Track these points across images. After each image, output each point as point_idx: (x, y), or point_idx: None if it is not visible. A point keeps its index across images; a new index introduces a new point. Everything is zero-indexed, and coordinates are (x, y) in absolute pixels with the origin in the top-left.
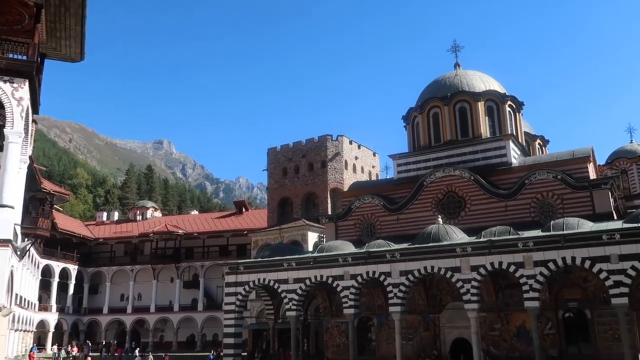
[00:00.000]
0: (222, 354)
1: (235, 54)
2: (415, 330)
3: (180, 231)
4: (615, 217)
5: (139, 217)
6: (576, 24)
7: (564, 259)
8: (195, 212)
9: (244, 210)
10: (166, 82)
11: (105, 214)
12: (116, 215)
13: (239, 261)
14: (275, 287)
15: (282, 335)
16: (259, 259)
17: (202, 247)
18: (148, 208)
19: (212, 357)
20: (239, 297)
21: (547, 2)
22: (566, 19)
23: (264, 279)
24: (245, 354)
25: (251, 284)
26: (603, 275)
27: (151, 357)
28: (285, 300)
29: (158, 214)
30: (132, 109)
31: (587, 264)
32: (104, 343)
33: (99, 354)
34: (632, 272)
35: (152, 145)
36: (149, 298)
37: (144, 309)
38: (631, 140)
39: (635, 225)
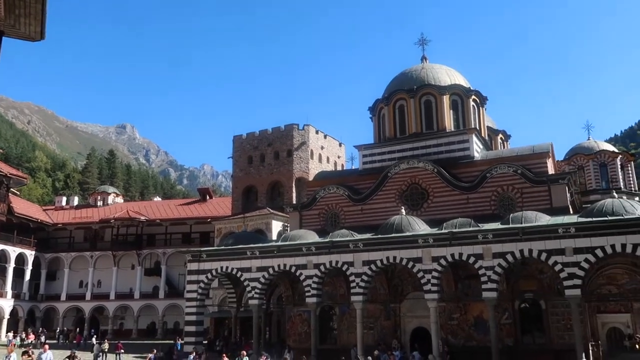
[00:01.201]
0: (182, 341)
1: (202, 41)
2: (377, 319)
3: (142, 218)
4: (571, 212)
5: (99, 203)
6: (536, 23)
7: (521, 251)
8: (158, 199)
9: (208, 197)
10: (130, 66)
11: (64, 198)
12: (76, 201)
13: (202, 249)
14: (238, 275)
15: (244, 323)
16: (222, 247)
17: (165, 234)
18: (109, 193)
19: (179, 345)
20: (201, 285)
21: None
22: (526, 17)
23: (227, 267)
24: (206, 342)
25: (214, 272)
26: (558, 267)
27: (106, 344)
28: (248, 289)
29: (120, 199)
30: (94, 91)
31: (544, 256)
32: (59, 330)
33: (55, 341)
34: (585, 265)
35: (115, 129)
36: (109, 285)
37: (103, 296)
38: (588, 137)
39: (590, 219)
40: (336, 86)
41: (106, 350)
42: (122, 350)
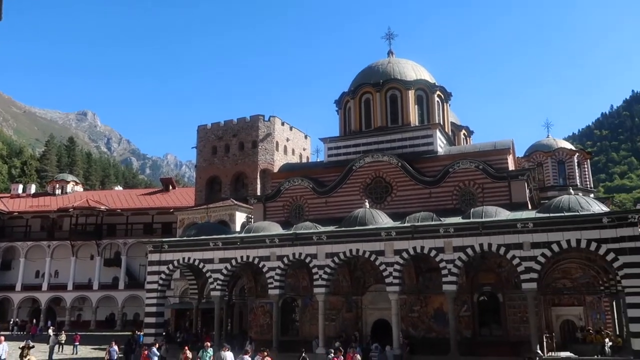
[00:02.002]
0: (141, 333)
1: (168, 28)
2: (339, 311)
3: (102, 207)
4: (530, 207)
5: (58, 191)
6: (499, 23)
7: (481, 245)
8: (119, 188)
9: (171, 188)
10: (93, 51)
11: (21, 186)
12: (33, 188)
13: (164, 239)
14: (200, 266)
15: (205, 315)
16: (185, 238)
17: (126, 225)
18: (68, 182)
19: (141, 338)
20: (162, 276)
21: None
22: (490, 16)
23: (189, 258)
24: (165, 333)
25: (175, 263)
26: (516, 261)
27: (63, 335)
28: (210, 280)
29: (79, 188)
30: (54, 76)
31: (502, 250)
32: (13, 321)
33: (9, 332)
34: (542, 259)
35: (75, 116)
36: (67, 275)
37: (60, 286)
38: (548, 135)
39: (547, 215)
40: (303, 78)
41: (63, 341)
42: (78, 343)
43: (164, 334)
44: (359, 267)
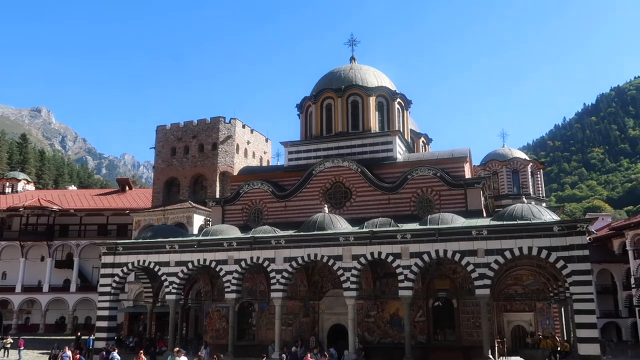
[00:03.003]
0: (92, 337)
1: (127, 25)
2: (295, 316)
3: (55, 207)
4: (485, 215)
5: (8, 190)
6: (458, 34)
7: (437, 251)
8: (73, 188)
9: (127, 188)
10: (48, 44)
11: None
12: None
13: (118, 241)
14: (156, 269)
15: (160, 319)
16: (140, 240)
17: (79, 225)
18: (19, 180)
19: (91, 342)
20: (116, 278)
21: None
22: (450, 27)
23: (144, 261)
24: (116, 338)
25: (130, 266)
26: (470, 267)
27: (9, 339)
28: (166, 284)
29: (31, 187)
30: (5, 70)
31: (457, 256)
32: None
33: None
34: (495, 266)
35: (29, 112)
36: (15, 277)
37: (8, 288)
38: (503, 145)
39: (501, 223)
40: (265, 82)
41: (9, 346)
42: (22, 348)
43: (115, 338)
44: (317, 271)
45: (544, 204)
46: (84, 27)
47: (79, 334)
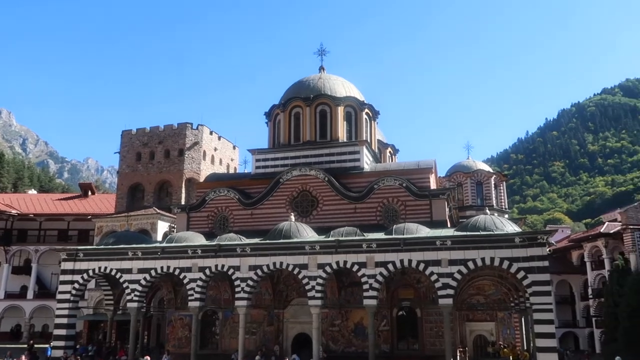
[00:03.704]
0: (49, 345)
1: (92, 27)
2: (260, 324)
3: (13, 211)
4: (449, 225)
5: None
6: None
7: (402, 261)
8: (33, 192)
9: (90, 193)
10: (10, 45)
11: None
12: None
13: (79, 247)
14: (118, 276)
15: (121, 327)
16: (102, 246)
17: (39, 230)
18: None
19: (49, 351)
20: (76, 285)
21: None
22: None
23: (106, 268)
24: (78, 346)
25: (91, 273)
26: (434, 277)
27: None
28: (128, 291)
29: None
30: None
31: (422, 266)
32: None
33: None
34: (458, 276)
35: None
36: None
37: None
38: (468, 157)
39: (464, 233)
40: (234, 89)
41: None
42: None
43: (77, 347)
44: (282, 280)
45: (506, 216)
46: (47, 26)
47: (31, 342)
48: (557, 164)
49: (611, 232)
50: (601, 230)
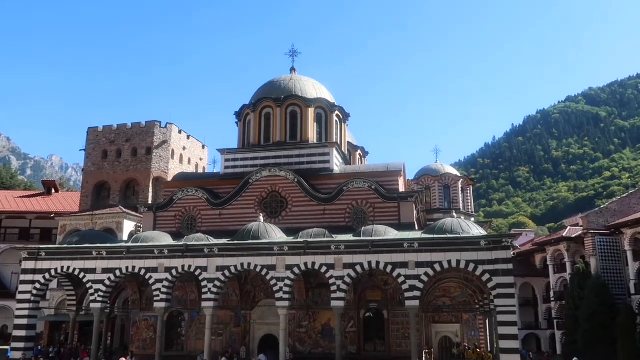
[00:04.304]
0: (9, 347)
1: (57, 21)
2: (226, 326)
3: None
4: (417, 228)
5: None
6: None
7: (370, 262)
8: None
9: (53, 191)
10: None
11: None
12: None
13: (41, 246)
14: (81, 276)
15: (83, 328)
16: (65, 246)
17: None
18: None
19: (9, 352)
20: (37, 285)
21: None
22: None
23: (69, 268)
24: (40, 348)
25: (53, 272)
26: (401, 279)
27: None
28: (91, 291)
29: None
30: None
31: (389, 268)
32: None
33: None
34: (425, 278)
35: None
36: None
37: None
38: (436, 161)
39: (431, 236)
40: (204, 88)
41: None
42: None
43: (39, 348)
44: (250, 281)
45: (472, 219)
46: (7, 20)
47: None
48: (522, 169)
49: (573, 236)
50: (563, 235)
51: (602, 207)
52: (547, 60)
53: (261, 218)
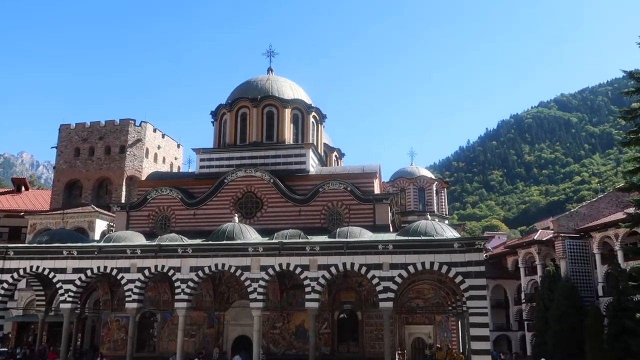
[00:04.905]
0: None
1: (30, 17)
2: (199, 327)
3: None
4: (392, 230)
5: None
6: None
7: (344, 264)
8: None
9: (23, 189)
10: None
11: None
12: None
13: (9, 245)
14: (51, 276)
15: (53, 329)
16: (35, 245)
17: None
18: None
19: None
20: (5, 285)
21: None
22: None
23: (38, 267)
24: (5, 349)
25: (21, 272)
26: (375, 281)
27: None
28: (61, 291)
29: None
30: None
31: (364, 270)
32: None
33: None
34: (399, 280)
35: None
36: None
37: None
38: (411, 163)
39: (406, 238)
40: (180, 87)
41: None
42: None
43: (5, 350)
44: (224, 282)
45: (446, 222)
46: None
47: None
48: (495, 173)
49: (544, 239)
50: (534, 238)
51: (572, 211)
52: (521, 66)
53: (236, 218)
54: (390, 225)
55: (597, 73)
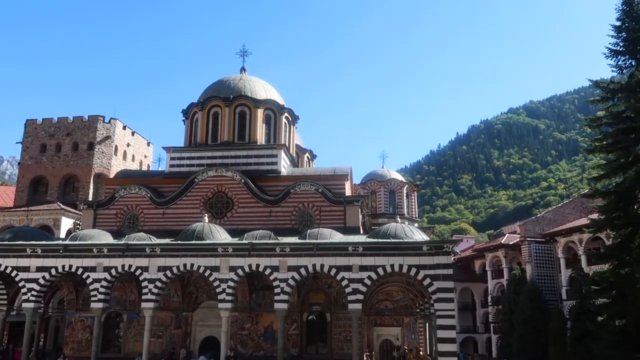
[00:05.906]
0: None
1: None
2: (167, 327)
3: None
4: (362, 232)
5: None
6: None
7: (314, 265)
8: None
9: None
10: None
11: None
12: None
13: None
14: (13, 274)
15: (14, 329)
16: None
17: None
18: None
19: None
20: None
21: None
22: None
23: (0, 265)
24: None
25: None
26: (345, 282)
27: None
28: (24, 290)
29: None
30: None
31: (333, 271)
32: None
33: None
34: (368, 282)
35: None
36: None
37: None
38: (383, 166)
39: (375, 240)
40: (151, 85)
41: None
42: None
43: None
44: (192, 282)
45: (416, 224)
46: None
47: None
48: (465, 177)
49: (511, 243)
50: (502, 242)
51: (538, 216)
52: (492, 73)
53: (206, 218)
54: (361, 227)
55: (565, 81)
